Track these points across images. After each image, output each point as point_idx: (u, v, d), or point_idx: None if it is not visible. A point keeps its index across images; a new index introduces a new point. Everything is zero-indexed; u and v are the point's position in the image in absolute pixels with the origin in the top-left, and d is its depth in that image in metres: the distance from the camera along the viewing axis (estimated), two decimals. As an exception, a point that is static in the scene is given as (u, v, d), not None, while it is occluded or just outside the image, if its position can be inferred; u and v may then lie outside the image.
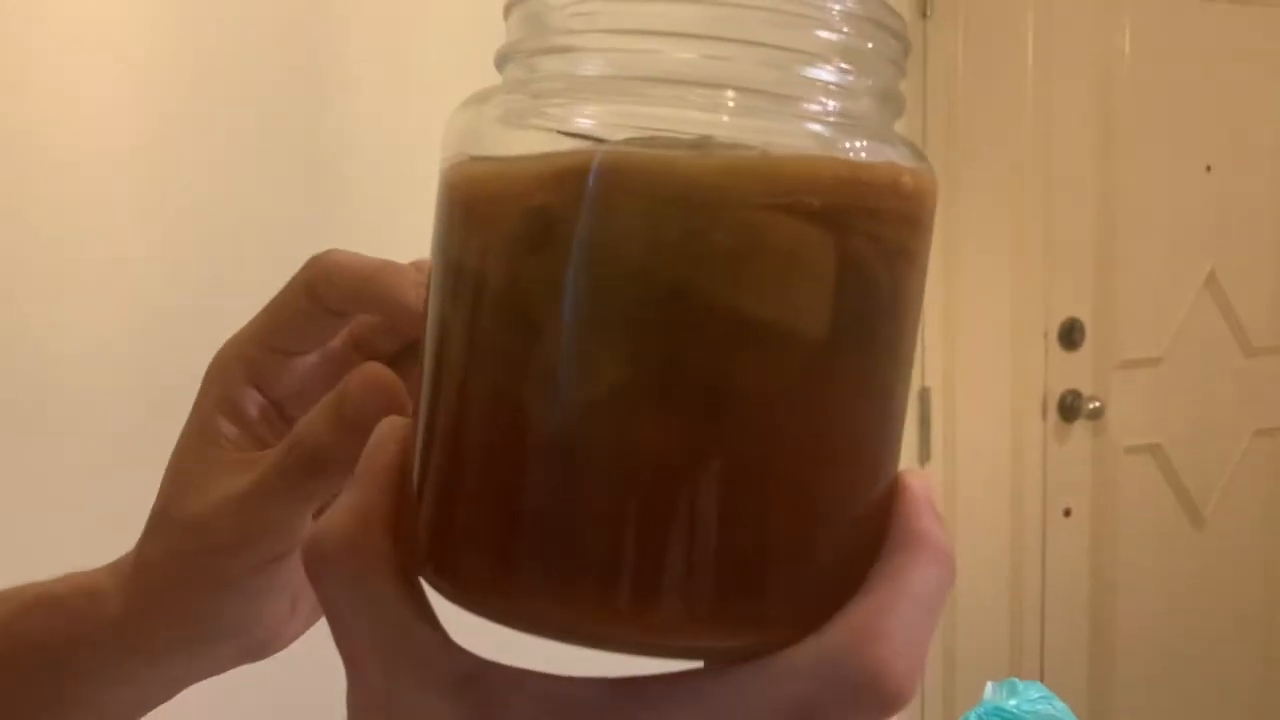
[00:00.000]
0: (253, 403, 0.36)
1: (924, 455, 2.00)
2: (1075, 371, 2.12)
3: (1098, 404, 2.11)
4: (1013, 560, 2.11)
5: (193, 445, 0.35)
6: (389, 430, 0.27)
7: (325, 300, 0.35)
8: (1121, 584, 2.19)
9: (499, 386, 0.24)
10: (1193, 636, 2.23)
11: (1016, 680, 0.57)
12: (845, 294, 0.24)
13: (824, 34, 0.25)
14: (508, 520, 0.24)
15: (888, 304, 0.25)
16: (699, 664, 0.24)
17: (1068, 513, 2.14)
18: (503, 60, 0.27)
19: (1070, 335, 2.10)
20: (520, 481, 0.24)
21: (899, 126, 0.28)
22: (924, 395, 1.98)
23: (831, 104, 0.25)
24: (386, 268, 0.35)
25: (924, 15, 1.94)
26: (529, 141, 0.25)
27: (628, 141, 0.24)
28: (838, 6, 0.25)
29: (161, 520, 0.35)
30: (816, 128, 0.25)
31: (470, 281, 0.25)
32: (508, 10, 0.27)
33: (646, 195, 0.23)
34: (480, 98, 0.26)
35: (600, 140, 0.24)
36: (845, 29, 0.25)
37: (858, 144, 0.25)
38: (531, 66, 0.26)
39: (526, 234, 0.24)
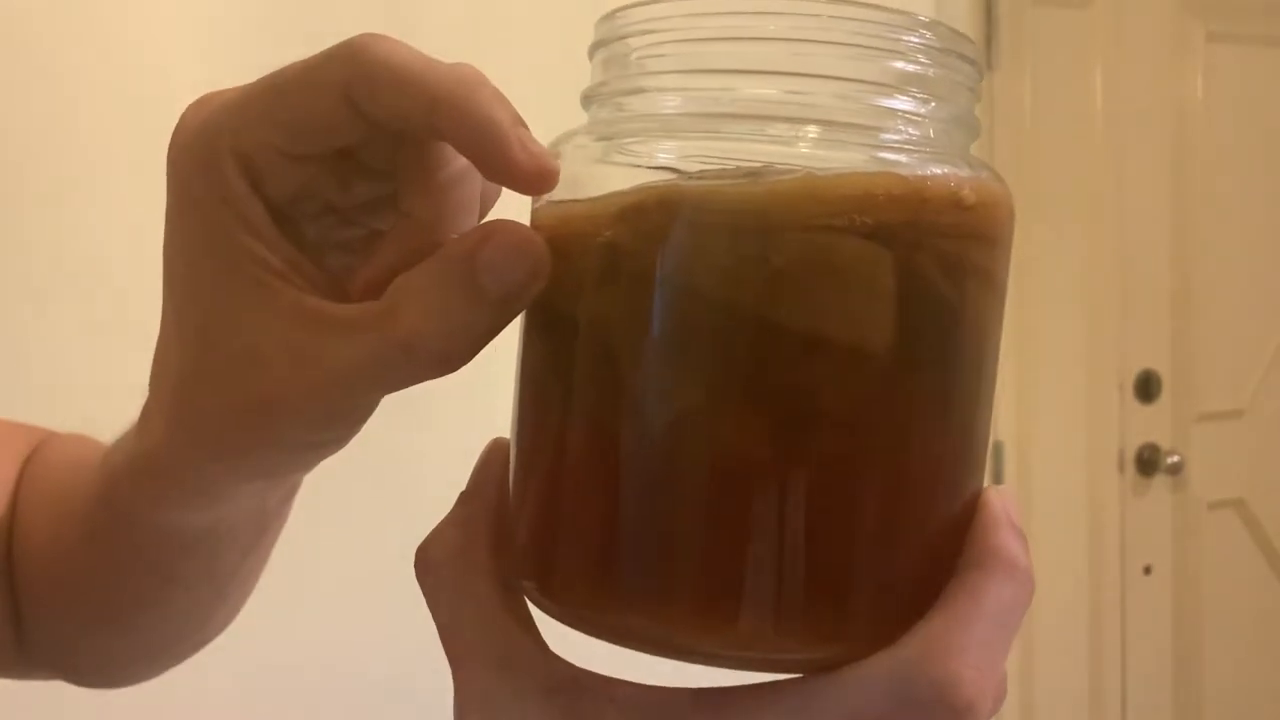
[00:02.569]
0: (258, 212, 0.27)
1: (997, 511, 1.95)
2: (1153, 425, 2.06)
3: (1177, 458, 2.05)
4: (1091, 619, 2.05)
5: (223, 272, 0.27)
6: (494, 449, 0.29)
7: (367, 112, 0.27)
8: (1207, 645, 2.11)
9: (585, 412, 0.26)
10: (1284, 701, 2.14)
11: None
12: (908, 309, 0.24)
13: (893, 64, 0.25)
14: (596, 539, 0.25)
15: (957, 319, 0.25)
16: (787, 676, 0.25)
17: (1148, 570, 2.07)
18: (587, 101, 0.28)
19: (1146, 387, 2.05)
20: (603, 502, 0.25)
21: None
22: (996, 450, 1.94)
23: (903, 131, 0.25)
24: (463, 83, 0.26)
25: (989, 68, 1.93)
26: (612, 178, 0.26)
27: (693, 175, 0.25)
28: (908, 38, 0.25)
29: (207, 374, 0.28)
30: (886, 154, 0.25)
31: (555, 314, 0.26)
32: (592, 51, 0.28)
33: (700, 225, 0.24)
34: (564, 139, 0.28)
35: (669, 175, 0.26)
36: (916, 59, 0.25)
37: (925, 165, 0.25)
38: (615, 106, 0.27)
39: (599, 268, 0.26)
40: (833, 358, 0.24)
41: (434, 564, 0.27)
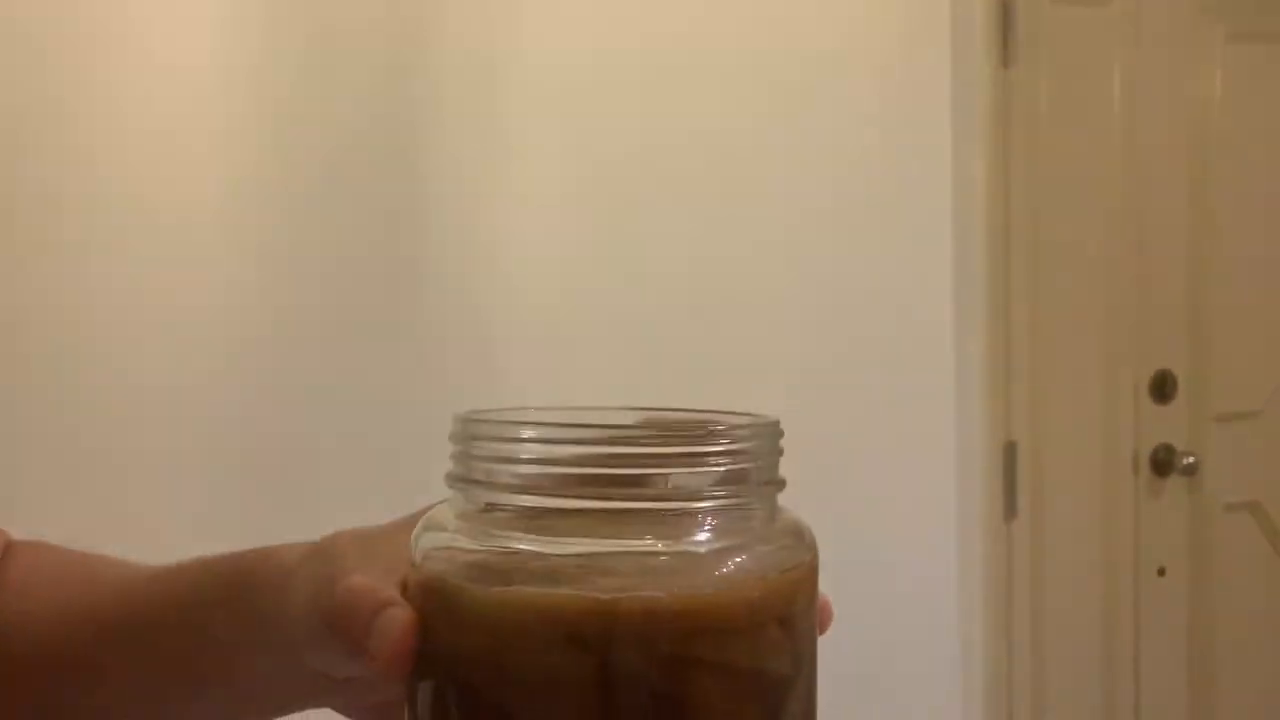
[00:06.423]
0: None
1: (1010, 512, 1.94)
2: (1168, 425, 2.05)
3: (1192, 459, 2.04)
4: (1104, 622, 2.03)
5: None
6: None
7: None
8: (1221, 648, 2.09)
9: None
10: (1299, 705, 2.12)
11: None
12: (614, 704, 0.29)
13: (704, 472, 0.31)
14: None
15: (676, 705, 0.29)
16: None
17: (1162, 572, 2.06)
18: (452, 484, 0.33)
19: (1162, 388, 2.04)
20: None
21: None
22: (1010, 449, 1.93)
23: (708, 530, 0.31)
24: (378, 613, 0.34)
25: (1005, 65, 1.92)
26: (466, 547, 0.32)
27: (457, 571, 0.31)
28: (718, 447, 0.31)
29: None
30: (689, 551, 0.31)
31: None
32: (452, 438, 0.33)
33: (451, 620, 0.31)
34: (435, 525, 0.33)
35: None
36: (719, 461, 0.31)
37: (699, 566, 0.31)
38: (478, 498, 0.32)
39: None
40: None
41: None
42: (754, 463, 0.32)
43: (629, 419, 0.34)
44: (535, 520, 0.31)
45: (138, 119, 1.21)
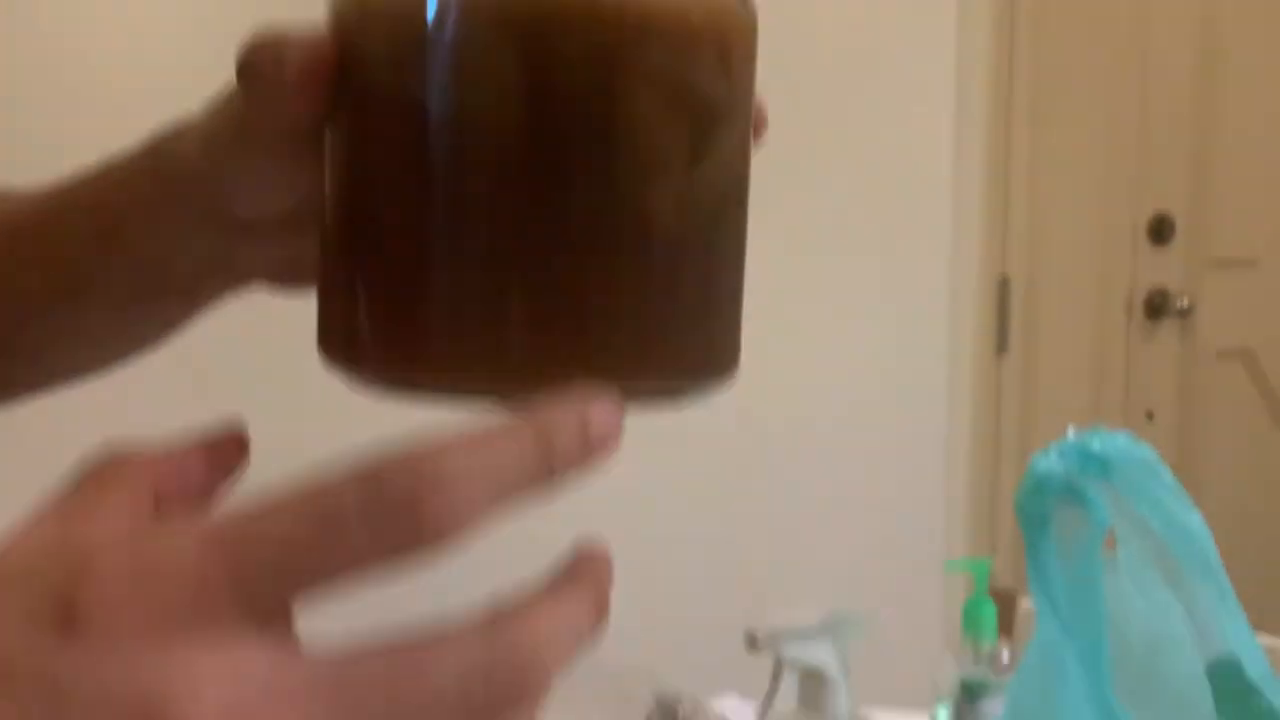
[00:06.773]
0: None
1: (1001, 346, 1.93)
2: (1164, 268, 2.03)
3: (1186, 303, 2.02)
4: (1091, 464, 2.04)
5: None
6: None
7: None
8: (1206, 494, 2.10)
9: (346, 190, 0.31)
10: None
11: (1103, 429, 0.53)
12: (544, 103, 0.28)
13: None
14: (355, 302, 0.30)
15: (608, 101, 0.29)
16: None
17: (1150, 416, 2.06)
18: None
19: (1160, 230, 2.01)
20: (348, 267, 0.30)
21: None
22: (1003, 284, 1.91)
23: None
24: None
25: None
26: None
27: None
28: None
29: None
30: None
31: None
32: None
33: (383, 24, 0.29)
34: None
35: None
36: None
37: None
38: None
39: (379, 50, 0.30)
40: (477, 136, 0.28)
41: None
42: None
43: None
44: None
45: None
